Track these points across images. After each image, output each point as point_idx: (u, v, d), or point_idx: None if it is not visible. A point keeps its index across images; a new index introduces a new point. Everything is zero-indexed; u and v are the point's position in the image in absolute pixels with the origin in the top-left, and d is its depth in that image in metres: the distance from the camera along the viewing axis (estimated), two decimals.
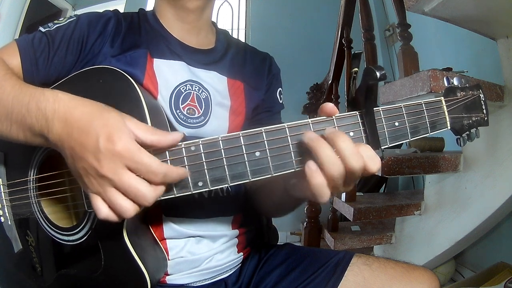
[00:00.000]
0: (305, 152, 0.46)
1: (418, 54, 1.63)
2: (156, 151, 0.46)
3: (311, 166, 0.44)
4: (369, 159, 0.44)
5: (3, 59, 0.61)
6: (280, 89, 0.84)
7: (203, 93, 0.70)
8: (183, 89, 0.68)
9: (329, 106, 0.48)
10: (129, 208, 0.44)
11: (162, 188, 0.45)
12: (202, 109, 0.69)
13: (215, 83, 0.73)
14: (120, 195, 0.44)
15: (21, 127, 0.50)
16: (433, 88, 1.10)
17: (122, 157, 0.42)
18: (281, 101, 0.84)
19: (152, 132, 0.45)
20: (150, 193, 0.44)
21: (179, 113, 0.67)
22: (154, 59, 0.68)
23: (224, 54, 0.77)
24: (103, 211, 0.44)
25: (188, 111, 0.68)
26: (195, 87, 0.70)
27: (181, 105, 0.67)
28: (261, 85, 0.80)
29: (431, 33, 2.29)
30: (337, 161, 0.43)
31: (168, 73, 0.68)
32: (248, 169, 0.47)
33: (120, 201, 0.44)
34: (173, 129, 0.66)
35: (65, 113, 0.46)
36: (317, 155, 0.44)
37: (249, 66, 0.80)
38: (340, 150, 0.43)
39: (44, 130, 0.47)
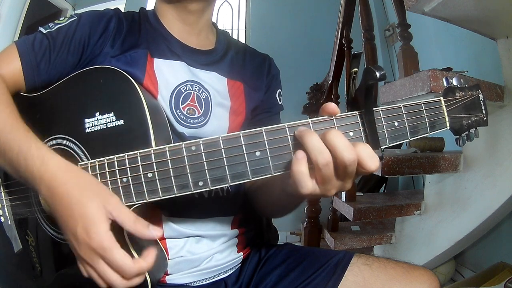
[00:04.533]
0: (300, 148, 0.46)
1: (418, 54, 1.63)
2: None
3: (297, 154, 0.45)
4: (367, 157, 0.45)
5: (1, 66, 0.61)
6: (279, 90, 0.84)
7: (203, 93, 0.70)
8: (183, 89, 0.68)
9: (331, 106, 0.48)
10: (102, 282, 0.47)
11: (137, 280, 0.48)
12: (202, 109, 0.69)
13: (215, 83, 0.73)
14: (97, 273, 0.47)
15: (14, 172, 0.53)
16: (433, 88, 1.10)
17: (96, 252, 0.45)
18: (280, 102, 0.84)
19: (133, 221, 0.47)
20: (123, 284, 0.47)
21: (179, 113, 0.67)
22: (155, 59, 0.68)
23: (224, 55, 0.77)
24: (90, 273, 0.48)
25: (188, 111, 0.68)
26: (195, 87, 0.70)
27: (181, 105, 0.67)
28: (261, 86, 0.80)
29: (431, 33, 2.29)
30: (324, 150, 0.44)
31: (168, 73, 0.68)
32: (248, 168, 0.47)
33: (96, 277, 0.47)
34: (173, 129, 0.66)
35: (49, 181, 0.48)
36: (304, 143, 0.44)
37: (248, 67, 0.80)
38: (331, 142, 0.44)
39: (34, 186, 0.50)
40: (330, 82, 2.18)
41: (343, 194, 1.81)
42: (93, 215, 0.46)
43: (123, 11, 0.72)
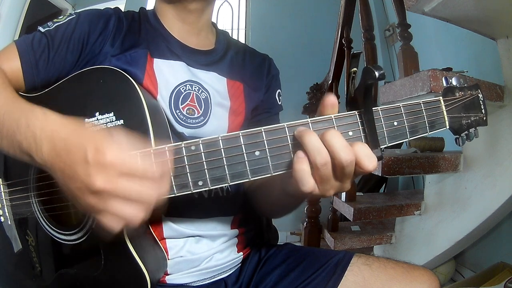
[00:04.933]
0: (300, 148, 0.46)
1: (418, 54, 1.63)
2: None
3: (298, 154, 0.45)
4: (365, 156, 0.45)
5: (1, 64, 0.61)
6: (279, 90, 0.84)
7: (202, 93, 0.70)
8: (182, 89, 0.68)
9: (330, 97, 0.48)
10: (137, 213, 0.42)
11: (165, 186, 0.44)
12: (202, 109, 0.69)
13: (215, 83, 0.73)
14: (123, 203, 0.41)
15: (11, 143, 0.49)
16: (433, 88, 1.11)
17: (113, 166, 0.40)
18: (279, 103, 0.84)
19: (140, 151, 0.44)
20: (153, 192, 0.42)
21: (179, 113, 0.67)
22: (154, 59, 0.68)
23: (224, 55, 0.77)
24: (115, 225, 0.42)
25: (187, 111, 0.68)
26: (195, 87, 0.70)
27: (181, 105, 0.67)
28: (260, 86, 0.80)
29: (431, 33, 2.29)
30: (323, 150, 0.44)
31: (168, 73, 0.68)
32: (247, 168, 0.47)
33: (125, 210, 0.41)
34: (172, 129, 0.66)
35: (52, 132, 0.45)
36: (303, 143, 0.44)
37: (248, 67, 0.80)
38: (329, 142, 0.44)
39: (32, 149, 0.46)
40: (330, 82, 2.18)
41: (343, 194, 1.81)
42: (103, 135, 0.42)
43: (123, 11, 0.72)
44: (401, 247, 1.80)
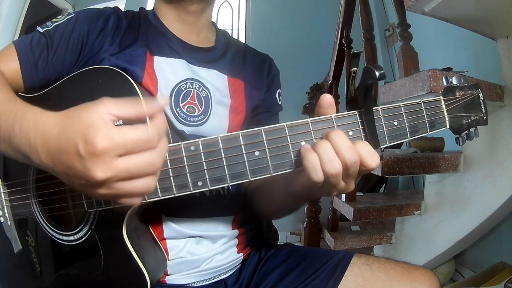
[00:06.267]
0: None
1: (418, 54, 1.63)
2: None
3: (305, 145, 0.46)
4: (367, 155, 0.45)
5: (0, 65, 0.60)
6: (279, 90, 0.84)
7: (203, 91, 0.70)
8: (183, 87, 0.68)
9: (326, 97, 0.48)
10: (149, 182, 0.41)
11: (164, 145, 0.42)
12: (202, 107, 0.69)
13: (216, 81, 0.73)
14: (130, 182, 0.41)
15: (9, 146, 0.48)
16: (433, 88, 1.10)
17: (107, 152, 0.38)
18: (279, 103, 0.84)
19: (132, 105, 0.42)
20: (156, 157, 0.41)
21: (179, 111, 0.67)
22: (155, 56, 0.68)
23: (225, 53, 0.77)
24: (134, 201, 0.43)
25: (188, 109, 0.68)
26: (195, 85, 0.69)
27: (181, 103, 0.67)
28: (261, 85, 0.80)
29: (431, 33, 2.29)
30: (335, 159, 0.45)
31: (168, 71, 0.68)
32: (247, 168, 0.47)
33: (135, 186, 0.41)
34: (173, 127, 0.66)
35: (43, 135, 0.43)
36: (318, 153, 0.45)
37: (249, 66, 0.80)
38: (333, 143, 0.44)
39: (29, 153, 0.44)
40: (330, 82, 2.18)
41: (343, 194, 1.81)
42: (87, 120, 0.39)
43: (123, 10, 0.72)
44: (401, 247, 1.80)
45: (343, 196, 1.80)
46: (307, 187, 0.50)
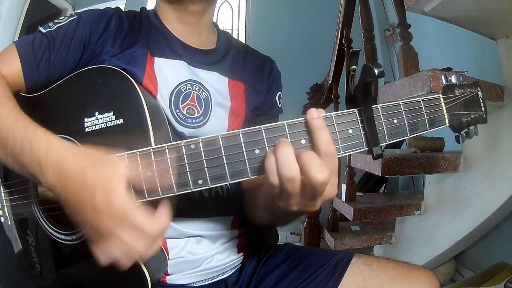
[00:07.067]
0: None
1: (418, 54, 1.63)
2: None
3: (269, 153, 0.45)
4: (311, 167, 0.43)
5: (1, 66, 0.60)
6: (279, 93, 0.84)
7: (203, 93, 0.70)
8: (183, 88, 0.68)
9: (311, 111, 0.46)
10: (125, 261, 0.46)
11: (157, 244, 0.47)
12: (202, 109, 0.69)
13: (216, 83, 0.73)
14: (115, 248, 0.45)
15: (16, 163, 0.50)
16: (433, 88, 1.11)
17: (118, 217, 0.43)
18: (280, 105, 0.83)
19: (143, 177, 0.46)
20: (144, 249, 0.45)
21: (179, 113, 0.67)
22: (155, 58, 0.68)
23: (225, 54, 0.77)
24: (102, 258, 0.46)
25: (187, 111, 0.68)
26: (195, 87, 0.69)
27: (181, 104, 0.67)
28: (261, 87, 0.80)
29: (431, 33, 2.30)
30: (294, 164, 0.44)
31: (168, 72, 0.68)
32: (247, 166, 0.47)
33: (115, 253, 0.45)
34: (172, 128, 0.66)
35: (58, 164, 0.46)
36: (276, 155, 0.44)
37: (249, 68, 0.80)
38: (277, 161, 0.44)
39: (38, 174, 0.47)
40: (330, 82, 2.18)
41: (343, 194, 1.81)
42: (111, 177, 0.44)
43: (123, 10, 0.72)
44: (401, 247, 1.80)
45: (343, 196, 1.80)
46: (269, 194, 0.50)
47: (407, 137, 0.51)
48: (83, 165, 0.45)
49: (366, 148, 0.49)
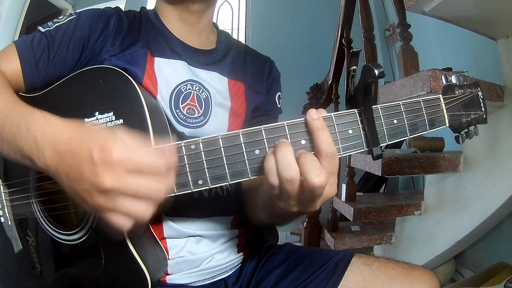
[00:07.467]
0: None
1: (418, 54, 1.63)
2: None
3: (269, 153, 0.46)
4: (309, 170, 0.43)
5: (1, 66, 0.60)
6: (279, 93, 0.84)
7: (203, 93, 0.70)
8: (183, 88, 0.68)
9: (310, 112, 0.46)
10: (146, 209, 0.42)
11: (171, 180, 0.44)
12: (202, 109, 0.69)
13: (216, 83, 0.73)
14: (132, 200, 0.41)
15: (12, 147, 0.49)
16: (433, 88, 1.11)
17: (121, 164, 0.40)
18: (279, 106, 0.83)
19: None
20: (161, 186, 0.42)
21: (179, 113, 0.67)
22: (155, 58, 0.68)
23: (225, 55, 0.77)
24: (125, 224, 0.42)
25: (188, 111, 0.68)
26: (195, 87, 0.69)
27: (181, 104, 0.67)
28: (261, 87, 0.80)
29: (431, 33, 2.30)
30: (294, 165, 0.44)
31: (168, 72, 0.68)
32: (247, 167, 0.47)
33: (135, 207, 0.41)
34: (172, 128, 0.66)
35: (53, 136, 0.44)
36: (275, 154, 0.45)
37: (249, 68, 0.80)
38: (277, 161, 0.44)
39: (34, 154, 0.45)
40: (330, 82, 2.18)
41: (343, 194, 1.81)
42: (106, 133, 0.42)
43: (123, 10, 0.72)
44: (401, 247, 1.80)
45: (343, 196, 1.80)
46: (269, 195, 0.49)
47: (407, 137, 0.51)
48: (78, 130, 0.44)
49: (366, 149, 0.49)
